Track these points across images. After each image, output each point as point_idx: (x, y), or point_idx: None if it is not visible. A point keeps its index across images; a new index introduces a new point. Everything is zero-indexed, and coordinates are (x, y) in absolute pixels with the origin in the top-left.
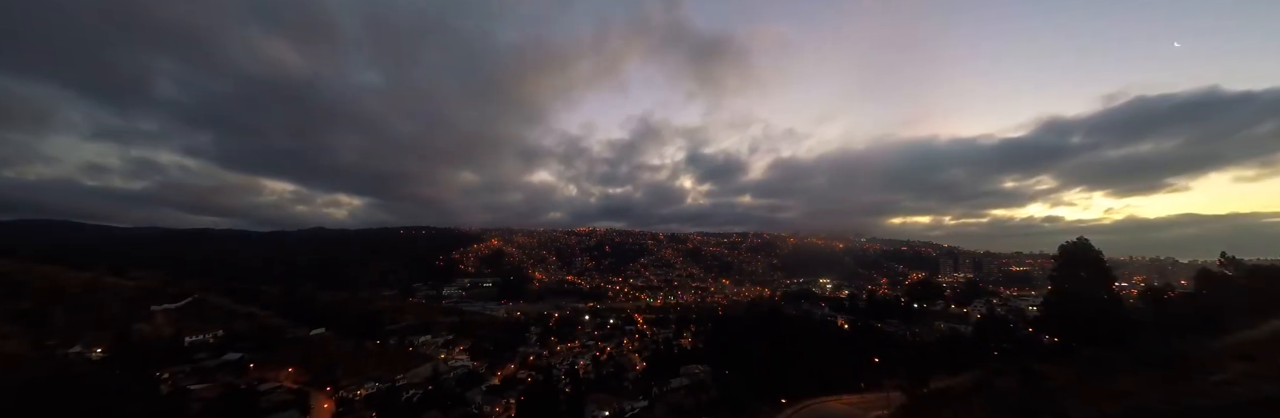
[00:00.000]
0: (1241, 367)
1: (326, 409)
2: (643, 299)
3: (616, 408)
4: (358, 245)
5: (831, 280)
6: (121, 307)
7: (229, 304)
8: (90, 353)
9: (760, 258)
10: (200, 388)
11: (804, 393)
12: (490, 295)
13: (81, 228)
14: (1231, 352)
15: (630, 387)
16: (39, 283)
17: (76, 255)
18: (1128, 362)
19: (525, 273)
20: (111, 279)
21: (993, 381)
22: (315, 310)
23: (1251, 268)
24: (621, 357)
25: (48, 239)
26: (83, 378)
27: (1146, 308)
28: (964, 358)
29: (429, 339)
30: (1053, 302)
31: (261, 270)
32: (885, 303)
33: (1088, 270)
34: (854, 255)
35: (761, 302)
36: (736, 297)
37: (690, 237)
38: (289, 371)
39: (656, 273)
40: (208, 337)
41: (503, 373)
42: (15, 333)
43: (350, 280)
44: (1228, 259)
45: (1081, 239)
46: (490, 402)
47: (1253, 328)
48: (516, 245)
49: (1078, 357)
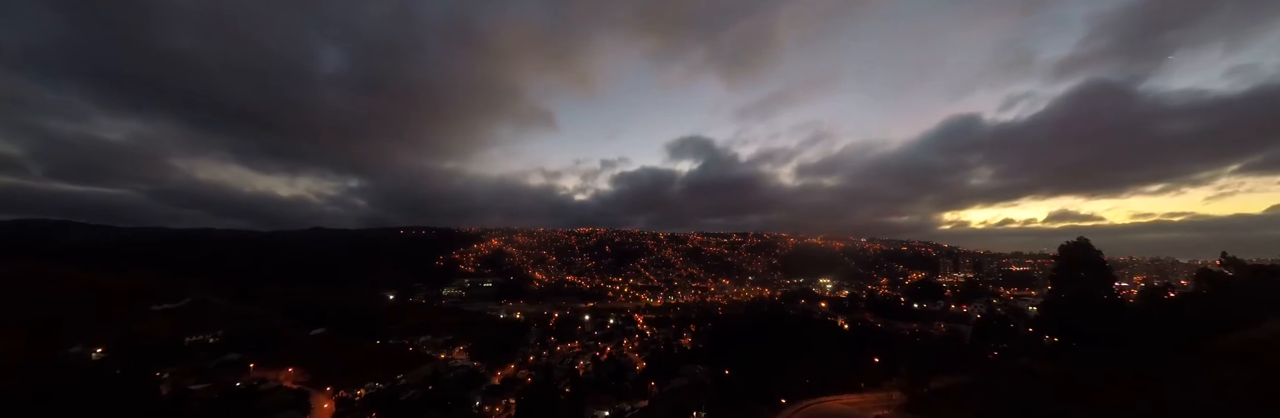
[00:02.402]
0: (1241, 367)
1: (326, 409)
2: (643, 299)
3: (616, 409)
4: (358, 245)
5: (831, 280)
6: (121, 307)
7: (229, 304)
8: (90, 353)
9: (760, 258)
10: (200, 388)
11: (804, 393)
12: (490, 296)
13: (81, 228)
14: (1231, 352)
15: (630, 387)
16: (39, 283)
17: (76, 255)
18: (1128, 362)
19: (525, 273)
20: (111, 279)
21: (993, 381)
22: (315, 311)
23: (1252, 268)
24: (621, 357)
25: (48, 239)
26: (83, 378)
27: (1146, 308)
28: (964, 358)
29: (429, 339)
30: (1053, 302)
31: (261, 270)
32: (885, 303)
33: (1088, 271)
34: (854, 255)
35: (761, 302)
36: (736, 297)
37: (690, 237)
38: (289, 371)
39: (656, 273)
40: (208, 337)
41: (502, 373)
42: (15, 333)
43: (350, 280)
44: (1228, 259)
45: (1081, 239)
46: (490, 402)
47: (1253, 328)
48: (516, 245)
49: (1078, 357)
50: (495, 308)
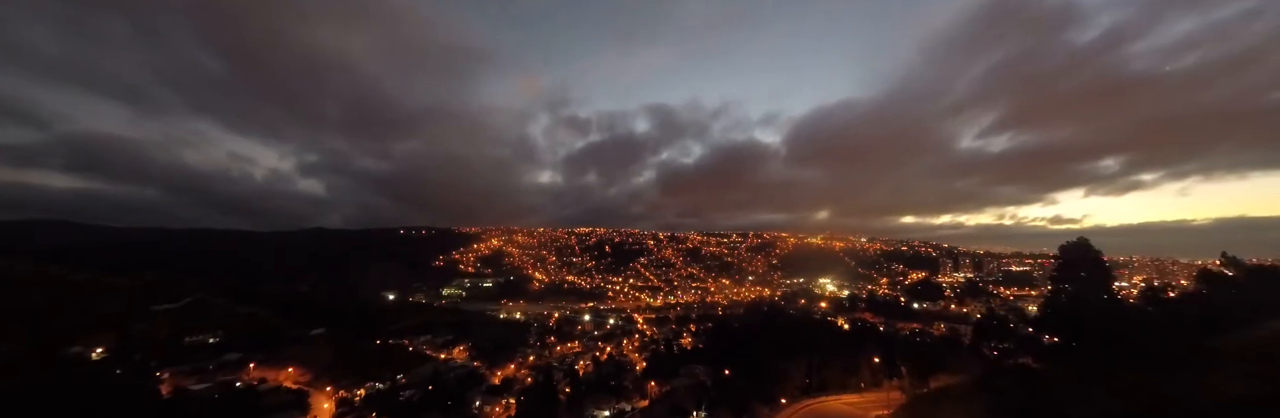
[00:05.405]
0: (1241, 367)
1: (326, 409)
2: (643, 299)
3: (616, 409)
4: (358, 245)
5: (831, 280)
6: (121, 307)
7: (229, 304)
8: (90, 353)
9: (760, 258)
10: (200, 388)
11: (804, 393)
12: (490, 295)
13: (81, 228)
14: (1231, 352)
15: (630, 387)
16: (39, 283)
17: (76, 255)
18: (1128, 362)
19: (525, 273)
20: (111, 279)
21: (993, 381)
22: (315, 310)
23: (1251, 268)
24: (621, 357)
25: (48, 239)
26: (83, 378)
27: (1146, 308)
28: (964, 358)
29: (429, 339)
30: (1053, 302)
31: (261, 270)
32: (885, 303)
33: (1088, 270)
34: (854, 255)
35: (761, 302)
36: (736, 297)
37: (690, 237)
38: (289, 371)
39: (656, 273)
40: (208, 337)
41: (502, 373)
42: (15, 333)
43: (350, 280)
44: (1228, 259)
45: (1081, 239)
46: (490, 402)
47: (1253, 328)
48: (516, 245)
49: (1078, 357)
50: (495, 308)
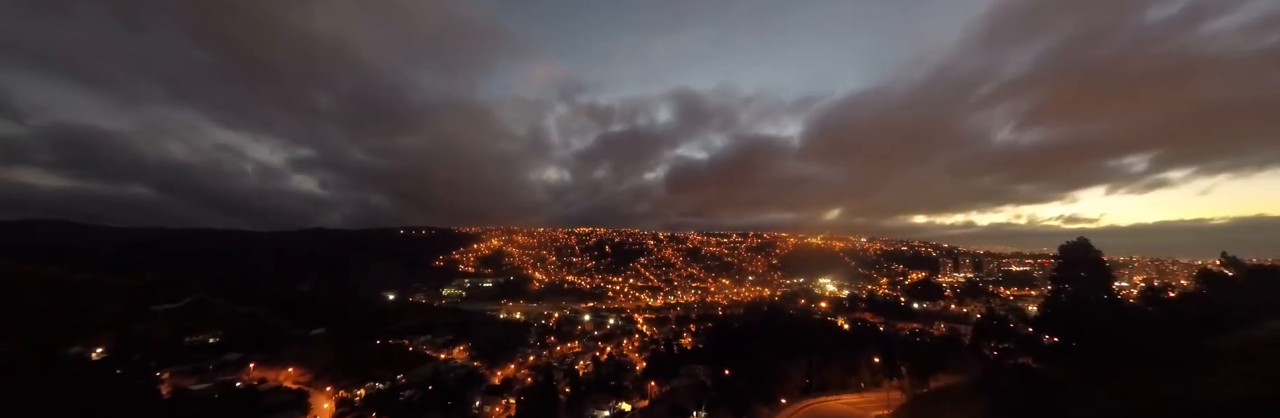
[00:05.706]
0: (1241, 367)
1: (326, 409)
2: (643, 299)
3: (616, 409)
4: (358, 245)
5: (831, 280)
6: (121, 307)
7: (229, 304)
8: (90, 353)
9: (760, 258)
10: (200, 388)
11: (804, 393)
12: (490, 295)
13: (81, 228)
14: (1231, 352)
15: (630, 387)
16: (39, 283)
17: (76, 255)
18: (1128, 362)
19: (525, 273)
20: (111, 279)
21: (993, 381)
22: (315, 310)
23: (1251, 268)
24: (621, 357)
25: (48, 239)
26: (83, 378)
27: (1146, 308)
28: (964, 358)
29: (429, 339)
30: (1053, 302)
31: (261, 270)
32: (885, 303)
33: (1088, 270)
34: (854, 255)
35: (761, 302)
36: (736, 297)
37: (690, 237)
38: (289, 371)
39: (656, 273)
40: (208, 337)
41: (502, 373)
42: (15, 333)
43: (350, 280)
44: (1228, 259)
45: (1081, 239)
46: (490, 402)
47: (1253, 328)
48: (516, 245)
49: (1078, 357)
50: (495, 308)
